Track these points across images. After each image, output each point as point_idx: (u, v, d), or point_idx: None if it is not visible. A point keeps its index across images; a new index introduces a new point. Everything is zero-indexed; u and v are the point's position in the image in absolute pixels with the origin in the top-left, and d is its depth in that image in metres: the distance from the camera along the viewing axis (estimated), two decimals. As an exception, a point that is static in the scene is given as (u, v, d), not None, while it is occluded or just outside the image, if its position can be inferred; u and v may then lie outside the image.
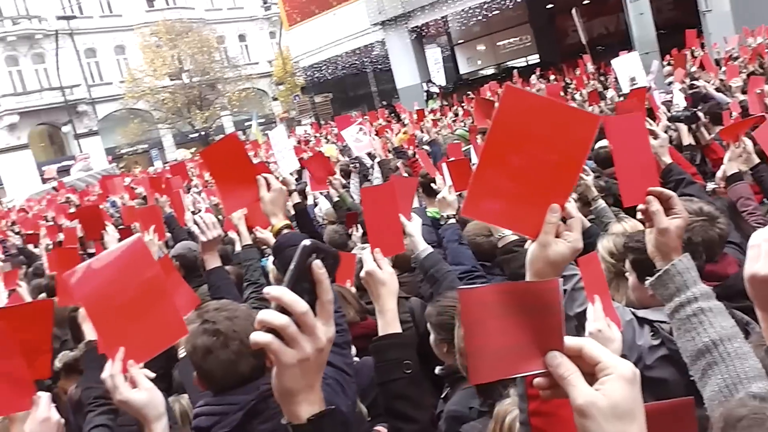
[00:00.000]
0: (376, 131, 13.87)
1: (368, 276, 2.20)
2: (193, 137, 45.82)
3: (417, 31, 30.95)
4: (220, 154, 2.89)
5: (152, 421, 1.90)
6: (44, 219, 14.20)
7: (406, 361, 2.07)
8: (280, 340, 1.09)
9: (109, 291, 1.92)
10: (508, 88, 1.43)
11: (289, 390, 1.14)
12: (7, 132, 42.24)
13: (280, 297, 1.08)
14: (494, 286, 1.15)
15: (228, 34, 52.40)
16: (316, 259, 1.12)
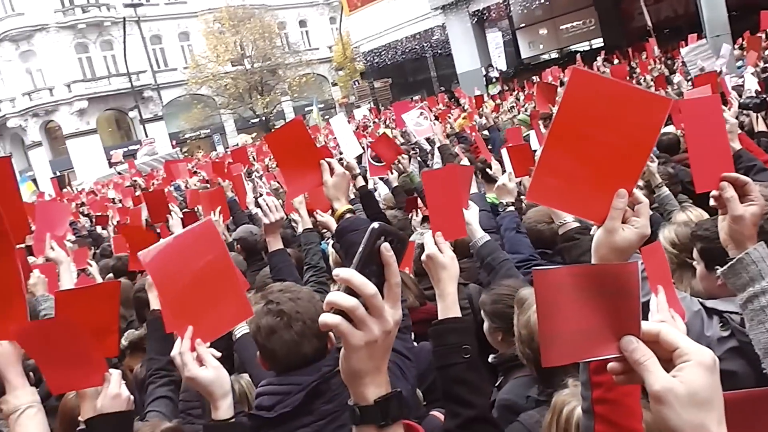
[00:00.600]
0: (436, 116, 13.79)
1: (429, 260, 2.19)
2: (254, 122, 46.52)
3: (478, 15, 30.60)
4: (284, 139, 2.92)
5: (218, 398, 1.95)
6: (111, 201, 14.67)
7: (465, 346, 2.05)
8: (349, 322, 1.09)
9: (180, 270, 1.97)
10: (576, 70, 1.40)
11: (356, 371, 1.14)
12: (77, 117, 43.69)
13: (349, 279, 1.08)
14: (570, 268, 1.14)
15: (289, 19, 52.85)
16: (384, 242, 1.12)
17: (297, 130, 2.89)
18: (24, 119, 43.19)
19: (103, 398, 2.12)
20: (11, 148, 44.98)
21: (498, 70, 31.27)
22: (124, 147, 39.06)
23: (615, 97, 1.36)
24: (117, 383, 2.14)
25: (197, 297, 1.98)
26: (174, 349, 1.94)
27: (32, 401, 2.09)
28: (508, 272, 3.46)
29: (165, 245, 2.01)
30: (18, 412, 2.06)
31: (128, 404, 2.15)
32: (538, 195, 1.47)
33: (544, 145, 1.44)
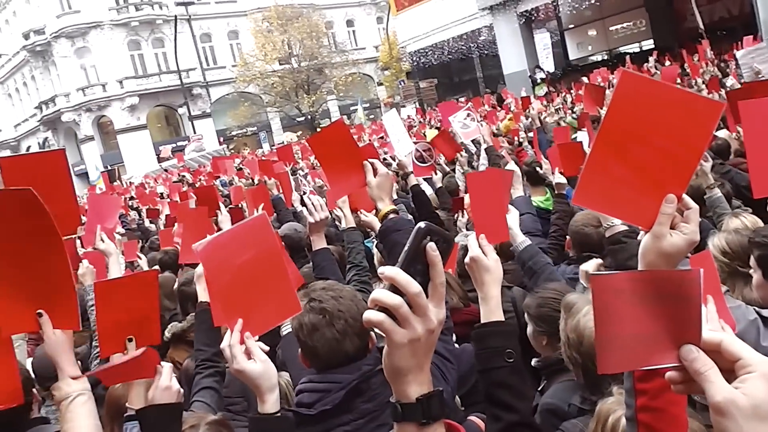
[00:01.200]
0: (482, 117, 13.70)
1: (473, 262, 2.17)
2: (299, 121, 46.95)
3: (526, 16, 30.31)
4: (327, 141, 2.94)
5: (265, 392, 1.97)
6: (160, 196, 14.95)
7: (509, 350, 2.03)
8: (393, 320, 1.09)
9: (231, 263, 2.00)
10: (625, 73, 1.38)
11: (399, 369, 1.13)
12: (128, 113, 44.69)
13: (394, 277, 1.08)
14: (629, 273, 1.12)
15: (336, 19, 53.18)
16: (430, 242, 1.12)
17: (339, 132, 2.90)
18: (78, 114, 44.35)
19: (154, 390, 2.18)
20: (65, 141, 46.25)
21: (545, 71, 30.92)
22: (172, 143, 39.75)
23: (665, 101, 1.33)
24: (168, 376, 2.20)
25: (247, 290, 2.00)
26: (223, 342, 1.97)
27: (83, 389, 2.16)
28: (550, 276, 3.42)
29: (218, 238, 2.04)
30: (69, 399, 2.12)
31: (178, 396, 2.21)
32: (584, 198, 1.45)
33: (592, 147, 1.42)
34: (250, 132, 47.90)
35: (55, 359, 2.15)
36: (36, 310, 2.12)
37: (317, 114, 47.37)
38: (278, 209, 7.12)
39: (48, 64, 45.64)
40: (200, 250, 2.00)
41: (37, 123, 47.80)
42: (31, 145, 50.04)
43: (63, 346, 2.15)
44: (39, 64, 46.28)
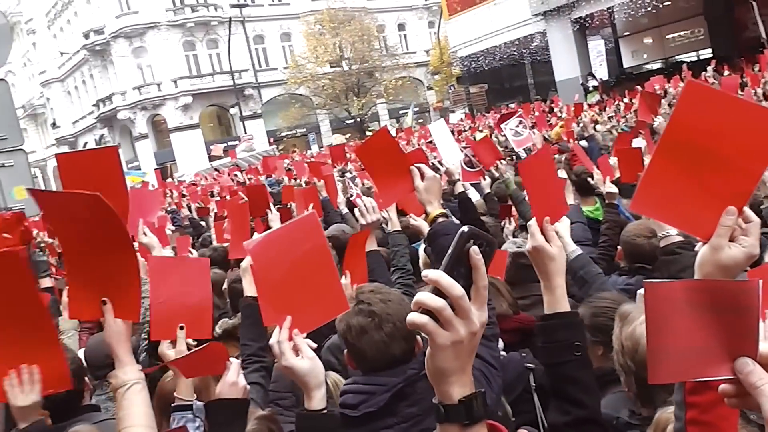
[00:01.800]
0: (532, 124, 13.57)
1: (535, 251, 2.09)
2: (348, 123, 47.24)
3: (580, 22, 29.95)
4: (373, 150, 2.97)
5: (313, 389, 1.97)
6: (210, 194, 15.19)
7: (577, 343, 1.98)
8: (436, 322, 1.10)
9: (281, 261, 2.02)
10: (690, 82, 1.38)
11: (442, 370, 1.15)
12: (182, 112, 45.59)
13: (438, 280, 1.09)
14: (684, 282, 1.09)
15: (388, 23, 53.37)
16: (473, 245, 1.13)
17: (384, 140, 2.93)
18: (133, 112, 45.44)
19: (222, 384, 2.21)
20: (120, 138, 47.44)
21: (598, 79, 30.46)
22: (223, 142, 40.38)
23: (729, 112, 1.32)
24: (235, 372, 2.24)
25: (297, 288, 2.02)
26: (272, 338, 1.98)
27: (139, 378, 2.21)
28: (602, 286, 3.35)
29: (269, 236, 2.07)
30: (125, 387, 2.17)
31: (244, 392, 2.24)
32: (642, 206, 1.44)
33: (653, 155, 1.41)
34: (299, 133, 48.38)
35: (114, 348, 2.21)
36: (101, 298, 2.19)
37: (366, 117, 47.60)
38: (327, 211, 7.16)
39: (106, 63, 46.88)
40: (251, 249, 2.03)
41: (94, 120, 49.14)
42: (88, 142, 51.47)
43: (122, 335, 2.21)
44: (98, 63, 47.58)
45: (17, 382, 2.16)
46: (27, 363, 2.18)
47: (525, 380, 3.38)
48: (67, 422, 2.86)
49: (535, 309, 4.05)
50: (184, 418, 2.47)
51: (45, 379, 2.19)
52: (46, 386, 2.21)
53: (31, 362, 2.19)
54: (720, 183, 1.34)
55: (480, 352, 2.16)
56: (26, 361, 2.18)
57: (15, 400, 2.16)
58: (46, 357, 2.20)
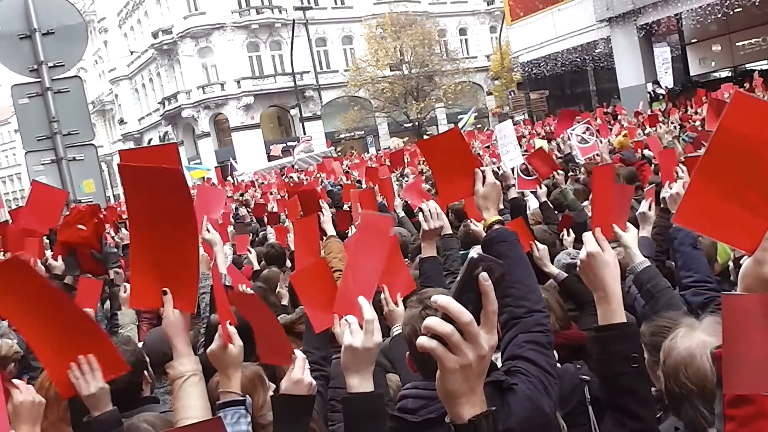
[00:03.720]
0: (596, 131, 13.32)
1: (590, 258, 2.06)
2: (406, 127, 47.27)
3: (646, 29, 29.25)
4: (439, 147, 2.97)
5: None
6: (269, 193, 15.44)
7: (633, 354, 1.94)
8: (444, 346, 1.16)
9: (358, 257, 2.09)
10: (737, 93, 1.34)
11: (451, 392, 1.20)
12: (243, 112, 46.40)
13: (446, 306, 1.14)
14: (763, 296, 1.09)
15: (449, 27, 53.27)
16: (482, 272, 1.17)
17: (454, 139, 2.92)
18: (197, 110, 46.47)
19: (286, 380, 2.20)
20: (183, 136, 48.61)
21: (663, 86, 29.72)
22: (282, 143, 40.92)
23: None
24: (301, 368, 2.20)
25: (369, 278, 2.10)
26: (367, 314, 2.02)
27: (195, 369, 2.25)
28: (670, 301, 3.22)
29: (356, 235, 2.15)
30: (183, 378, 2.21)
31: (309, 389, 2.21)
32: (685, 218, 1.43)
33: (697, 167, 1.39)
34: (357, 136, 48.68)
35: (172, 339, 2.25)
36: (162, 288, 2.24)
37: (425, 121, 47.57)
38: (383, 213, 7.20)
39: (173, 63, 48.09)
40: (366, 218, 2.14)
41: (159, 117, 50.46)
42: (153, 138, 52.90)
43: (180, 326, 2.25)
44: (165, 62, 48.85)
45: (80, 374, 2.22)
46: (82, 353, 2.24)
47: (580, 392, 3.33)
48: (127, 413, 2.94)
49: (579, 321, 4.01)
50: (237, 413, 2.42)
51: (102, 366, 2.25)
52: (105, 373, 2.26)
53: (84, 353, 2.24)
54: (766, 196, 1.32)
55: (537, 359, 2.15)
56: (80, 352, 2.23)
57: (83, 390, 2.22)
58: (95, 346, 2.25)
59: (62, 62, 6.93)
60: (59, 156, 6.86)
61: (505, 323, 2.26)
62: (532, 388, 2.04)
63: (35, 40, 6.75)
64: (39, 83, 6.85)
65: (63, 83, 7.00)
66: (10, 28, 6.77)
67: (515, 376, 2.08)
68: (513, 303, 2.26)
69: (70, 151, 6.95)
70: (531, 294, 2.34)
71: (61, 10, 7.07)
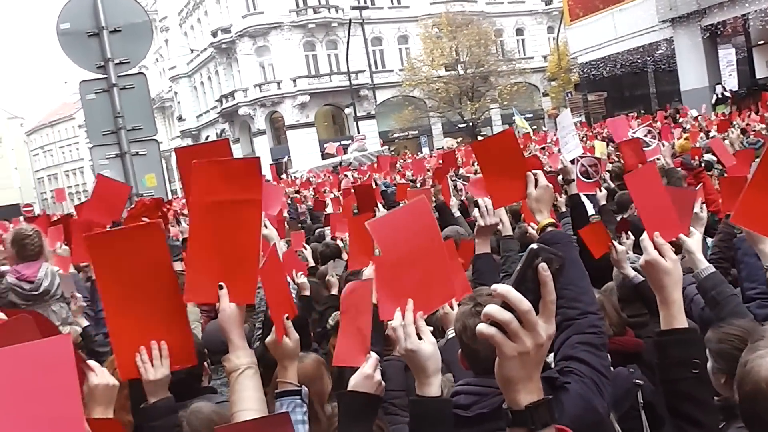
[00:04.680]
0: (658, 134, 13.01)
1: (649, 265, 2.05)
2: (460, 127, 47.04)
3: (710, 30, 28.51)
4: (492, 149, 2.95)
5: (432, 374, 1.96)
6: (324, 191, 15.60)
7: (695, 360, 1.92)
8: (503, 334, 1.19)
9: (397, 243, 2.07)
10: None
11: (509, 379, 1.24)
12: (299, 110, 46.89)
13: (506, 295, 1.18)
14: None
15: (506, 27, 52.77)
16: (541, 262, 1.21)
17: (507, 141, 2.90)
18: (253, 108, 47.16)
19: (357, 376, 2.20)
20: (239, 133, 49.45)
21: (727, 89, 28.86)
22: (336, 141, 41.23)
23: None
24: (372, 366, 2.21)
25: (413, 271, 2.05)
26: (395, 321, 1.98)
27: (251, 362, 2.29)
28: (736, 309, 3.13)
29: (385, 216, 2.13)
30: (239, 371, 2.25)
31: (378, 388, 2.20)
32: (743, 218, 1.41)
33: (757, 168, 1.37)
34: (411, 135, 48.66)
35: (227, 332, 2.29)
36: (218, 282, 2.28)
37: (479, 121, 47.28)
38: (442, 213, 7.18)
39: (231, 61, 48.91)
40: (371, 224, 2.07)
41: (217, 115, 51.34)
42: (210, 135, 53.73)
43: (236, 320, 2.29)
44: (223, 60, 49.72)
45: (148, 358, 2.25)
46: (156, 339, 2.26)
47: (633, 397, 3.29)
48: (185, 402, 3.02)
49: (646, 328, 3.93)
50: (293, 402, 2.48)
51: (172, 354, 2.27)
52: (173, 362, 2.29)
53: (159, 338, 2.26)
54: None
55: (590, 360, 2.15)
56: (156, 337, 2.26)
57: (146, 375, 2.24)
58: (174, 333, 2.28)
59: (128, 59, 7.12)
60: (123, 150, 7.06)
61: (558, 324, 2.23)
62: (585, 388, 2.05)
63: (103, 38, 6.95)
64: (105, 79, 7.05)
65: (128, 80, 7.19)
66: (80, 26, 6.99)
67: (568, 375, 2.08)
68: (567, 305, 2.25)
69: (133, 145, 7.14)
70: (584, 296, 2.34)
71: (128, 8, 7.27)
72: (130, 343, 2.24)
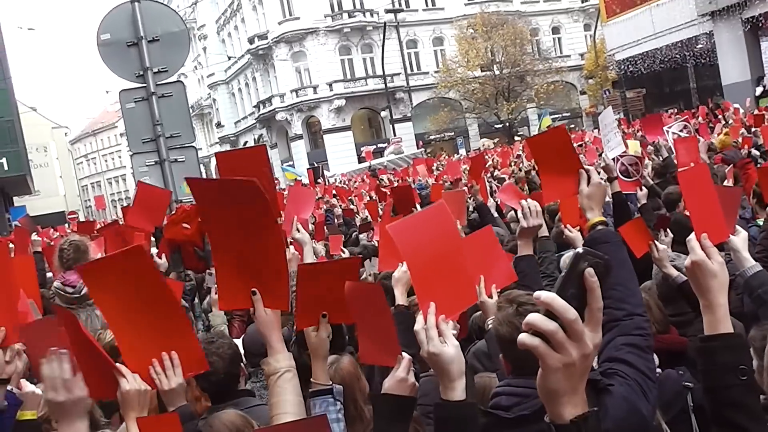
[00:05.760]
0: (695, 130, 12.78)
1: (695, 267, 1.99)
2: (497, 128, 46.74)
3: (752, 22, 27.81)
4: (545, 144, 2.95)
5: (456, 378, 1.93)
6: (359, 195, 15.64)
7: (742, 366, 1.85)
8: (547, 344, 1.12)
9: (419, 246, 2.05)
10: None
11: (553, 391, 1.17)
12: (335, 114, 47.13)
13: (550, 303, 1.11)
14: None
15: (542, 26, 52.31)
16: (588, 267, 1.14)
17: (560, 137, 2.89)
18: (290, 113, 47.55)
19: (390, 379, 2.18)
20: (277, 138, 49.91)
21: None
22: (373, 144, 41.34)
23: None
24: (405, 369, 2.18)
25: (435, 274, 2.03)
26: (417, 324, 1.95)
27: (289, 365, 2.31)
28: None
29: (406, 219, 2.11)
30: (277, 375, 2.28)
31: (412, 390, 2.17)
32: None
33: None
34: (447, 137, 48.52)
35: (266, 336, 2.31)
36: (251, 289, 2.30)
37: (516, 122, 46.92)
38: (482, 214, 7.14)
39: (267, 67, 49.42)
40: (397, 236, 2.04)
41: (254, 120, 51.90)
42: (248, 141, 54.46)
43: (273, 324, 2.31)
44: (260, 66, 50.24)
45: (161, 369, 2.26)
46: (166, 351, 2.28)
47: (683, 400, 3.22)
48: (223, 404, 3.03)
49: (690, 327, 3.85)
50: (325, 402, 2.49)
51: (183, 363, 2.29)
52: (185, 369, 2.31)
53: (169, 349, 2.28)
54: None
55: (635, 362, 2.11)
56: (165, 348, 2.28)
57: (162, 385, 2.26)
58: (181, 343, 2.30)
59: (166, 68, 7.24)
60: (162, 157, 7.16)
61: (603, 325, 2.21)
62: (629, 390, 2.00)
63: (141, 48, 7.08)
64: (144, 88, 7.17)
65: (166, 88, 7.30)
66: (120, 36, 7.12)
67: (612, 377, 2.04)
68: (613, 305, 2.20)
69: (172, 152, 7.24)
70: (632, 297, 2.29)
71: (166, 18, 7.39)
72: (141, 358, 2.27)
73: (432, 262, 2.04)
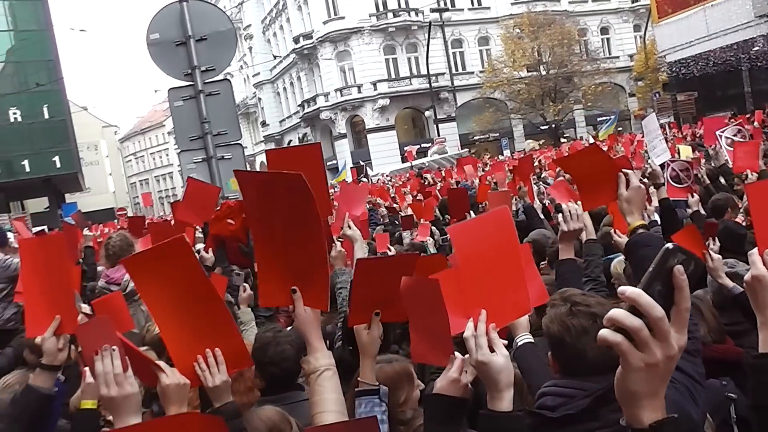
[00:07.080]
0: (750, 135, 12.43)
1: (755, 281, 1.94)
2: (543, 129, 46.22)
3: (811, 24, 27.02)
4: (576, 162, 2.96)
5: (504, 388, 1.89)
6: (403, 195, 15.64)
7: None
8: (630, 342, 1.07)
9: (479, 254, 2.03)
10: None
11: (633, 393, 1.12)
12: (379, 113, 47.26)
13: (636, 299, 1.05)
14: None
15: (590, 26, 51.59)
16: (678, 264, 1.07)
17: (592, 154, 2.89)
18: (334, 112, 47.83)
19: (442, 379, 2.13)
20: (321, 137, 50.17)
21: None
22: (416, 144, 41.32)
23: None
24: (458, 369, 2.09)
25: (489, 281, 2.00)
26: (467, 331, 1.93)
27: (329, 364, 2.31)
28: None
29: (466, 223, 2.09)
30: (318, 373, 2.28)
31: (464, 392, 2.09)
32: None
33: None
34: (492, 138, 48.19)
35: (306, 334, 2.32)
36: (291, 287, 2.30)
37: (562, 123, 46.32)
38: (529, 216, 7.08)
39: (312, 66, 49.78)
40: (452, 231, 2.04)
41: (299, 119, 52.33)
42: (292, 140, 54.85)
43: (313, 322, 2.32)
44: (305, 66, 50.64)
45: (205, 366, 2.28)
46: (210, 347, 2.29)
47: (725, 411, 3.15)
48: (276, 396, 3.11)
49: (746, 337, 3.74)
50: (371, 402, 2.49)
51: (227, 359, 2.30)
52: (230, 366, 2.32)
53: (213, 346, 2.30)
54: None
55: (684, 366, 2.06)
56: (208, 343, 2.29)
57: (207, 382, 2.28)
58: (224, 339, 2.30)
59: (213, 66, 7.32)
60: (209, 155, 7.25)
61: None
62: (678, 394, 1.95)
63: (189, 47, 7.16)
64: (192, 86, 7.26)
65: (213, 86, 7.38)
66: (168, 35, 7.23)
67: (661, 381, 1.99)
68: None
69: (219, 150, 7.32)
70: None
71: (213, 17, 7.48)
72: (186, 353, 2.29)
73: (487, 267, 2.01)
